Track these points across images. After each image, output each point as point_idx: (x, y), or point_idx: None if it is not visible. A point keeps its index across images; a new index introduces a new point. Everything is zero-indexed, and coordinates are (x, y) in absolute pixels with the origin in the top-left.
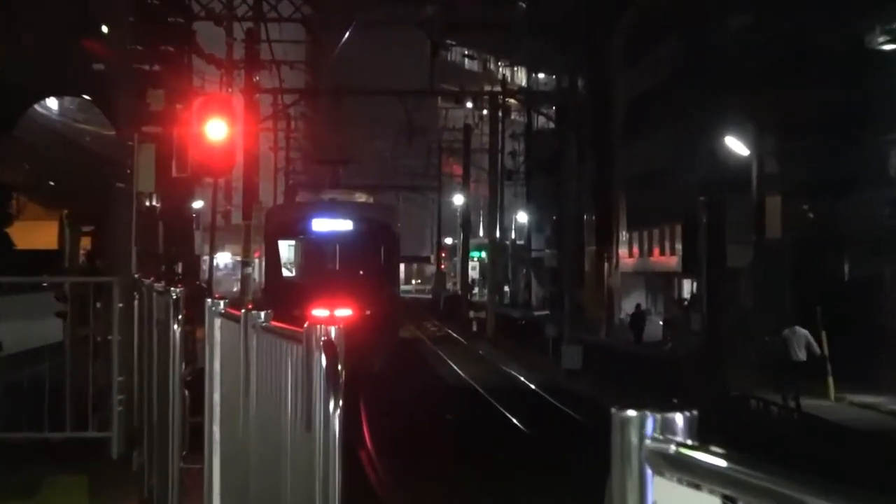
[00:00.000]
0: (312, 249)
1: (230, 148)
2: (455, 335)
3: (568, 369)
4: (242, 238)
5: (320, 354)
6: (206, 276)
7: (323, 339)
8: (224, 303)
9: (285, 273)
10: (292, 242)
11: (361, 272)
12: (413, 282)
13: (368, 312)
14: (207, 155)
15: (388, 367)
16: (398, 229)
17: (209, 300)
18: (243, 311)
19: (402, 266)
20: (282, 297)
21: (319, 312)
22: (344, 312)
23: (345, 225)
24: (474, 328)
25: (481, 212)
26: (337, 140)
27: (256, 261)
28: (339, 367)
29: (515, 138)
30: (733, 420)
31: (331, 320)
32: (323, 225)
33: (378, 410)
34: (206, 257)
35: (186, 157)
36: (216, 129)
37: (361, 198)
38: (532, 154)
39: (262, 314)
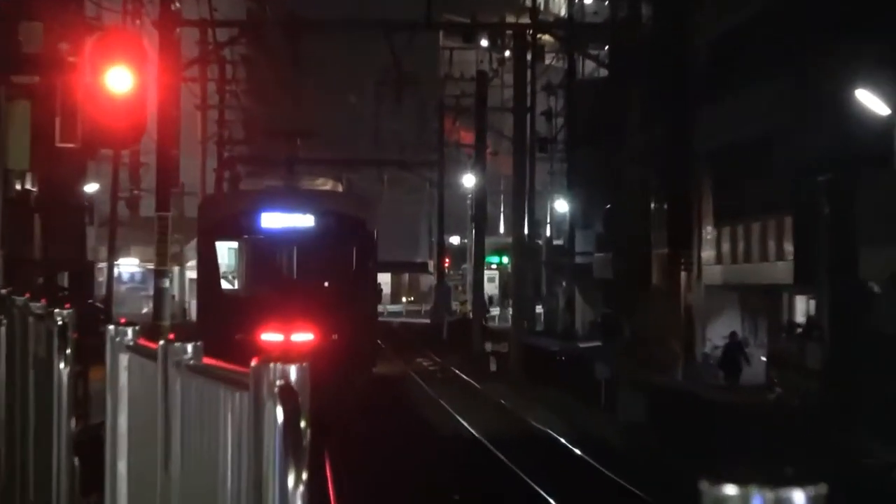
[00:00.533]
0: (261, 253)
1: (138, 107)
2: (464, 376)
3: (627, 424)
4: (156, 237)
5: (275, 405)
6: (104, 291)
7: (279, 383)
8: (133, 330)
9: (225, 286)
10: (234, 244)
11: (326, 283)
12: (403, 300)
13: (335, 337)
14: (106, 116)
15: (363, 415)
16: (376, 226)
17: (110, 327)
18: (161, 342)
19: (386, 276)
20: (220, 318)
21: (271, 337)
22: (303, 337)
23: (304, 220)
24: (493, 366)
25: (502, 198)
26: (293, 96)
27: (176, 270)
28: (303, 425)
29: (552, 92)
30: (870, 498)
31: (286, 348)
32: (275, 220)
33: (353, 483)
34: (104, 265)
35: (76, 119)
36: (118, 80)
37: (327, 184)
38: (575, 115)
39: (189, 347)
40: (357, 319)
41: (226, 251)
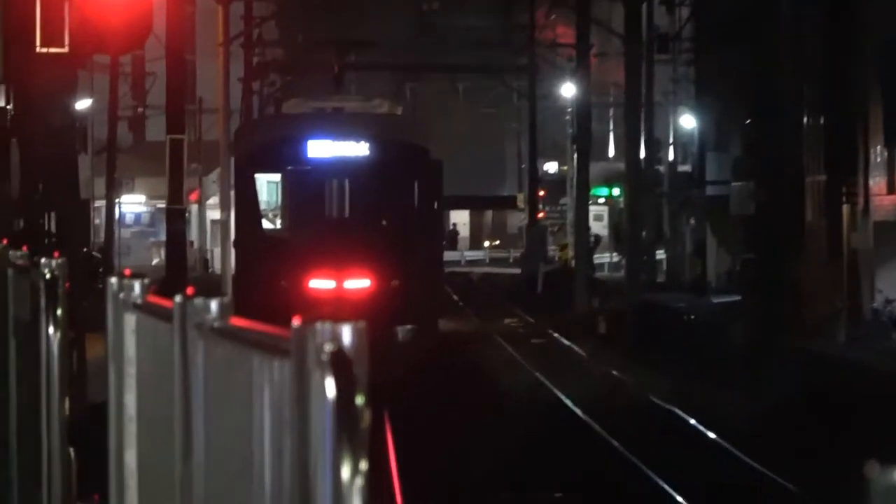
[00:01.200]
0: (308, 188)
1: (143, 1)
2: (564, 341)
3: (773, 403)
4: (167, 167)
5: (323, 376)
6: (103, 237)
7: (328, 347)
8: (142, 284)
9: (266, 226)
10: (276, 177)
11: (384, 222)
12: (486, 244)
13: (395, 283)
14: (100, 11)
15: (434, 384)
16: (436, 156)
17: (113, 280)
18: (178, 298)
19: (462, 215)
20: (262, 264)
21: (320, 284)
22: (358, 284)
23: (357, 149)
24: (601, 329)
25: (611, 113)
26: None
27: (194, 209)
28: (360, 401)
29: None
30: None
31: (338, 296)
32: (324, 149)
33: (423, 475)
34: (102, 203)
35: (62, 16)
36: None
37: (383, 105)
38: (707, 3)
39: (214, 304)
40: (420, 263)
41: (266, 185)
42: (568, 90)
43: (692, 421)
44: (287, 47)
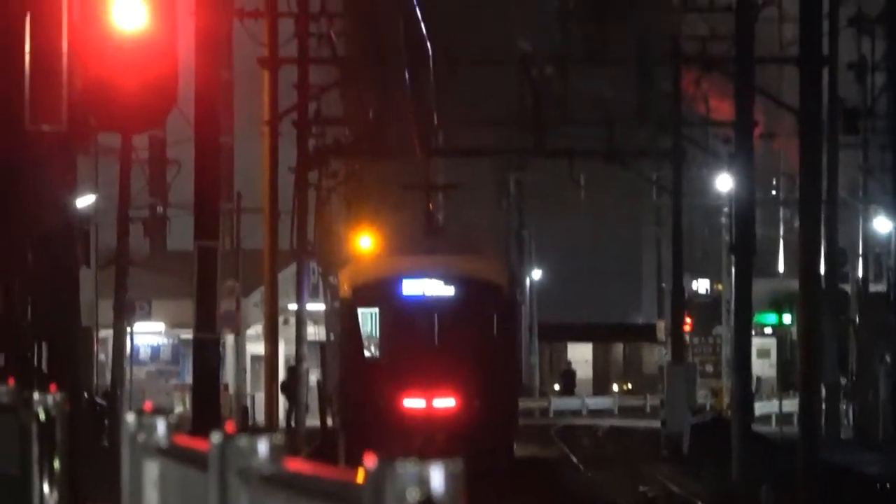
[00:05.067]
0: (401, 321)
1: (163, 59)
2: None
3: None
4: (195, 284)
5: None
6: (108, 379)
7: (414, 497)
8: (167, 422)
9: (365, 353)
10: (373, 311)
11: (466, 350)
12: (615, 388)
13: (476, 402)
14: (110, 76)
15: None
16: (514, 293)
17: (129, 417)
18: (215, 436)
19: (584, 350)
20: (363, 385)
21: (413, 403)
22: (445, 402)
23: (445, 288)
24: (765, 499)
25: (781, 215)
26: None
27: (230, 340)
28: None
29: (865, 29)
30: None
31: (427, 414)
32: (417, 288)
33: None
34: (108, 333)
35: (59, 83)
36: (130, 14)
37: (470, 255)
38: None
39: (263, 443)
40: (498, 386)
41: (361, 317)
42: (724, 183)
43: None
44: (354, 126)
